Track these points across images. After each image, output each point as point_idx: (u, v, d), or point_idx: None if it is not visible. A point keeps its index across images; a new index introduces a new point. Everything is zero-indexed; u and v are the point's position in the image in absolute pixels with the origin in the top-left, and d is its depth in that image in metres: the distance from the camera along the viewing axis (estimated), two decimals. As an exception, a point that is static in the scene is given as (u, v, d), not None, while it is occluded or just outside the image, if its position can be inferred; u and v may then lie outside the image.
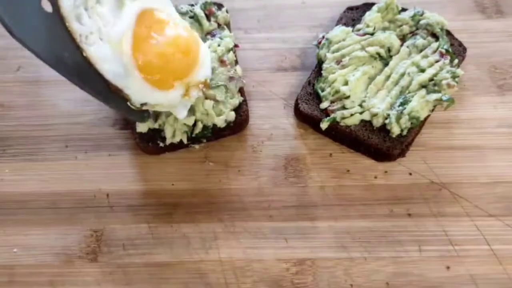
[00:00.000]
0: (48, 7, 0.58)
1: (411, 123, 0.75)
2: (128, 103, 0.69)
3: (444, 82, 0.76)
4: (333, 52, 0.82)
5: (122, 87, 0.67)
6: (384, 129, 0.77)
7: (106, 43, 0.65)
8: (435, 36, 0.83)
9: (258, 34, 0.94)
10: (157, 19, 0.70)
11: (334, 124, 0.77)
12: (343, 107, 0.78)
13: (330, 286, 0.69)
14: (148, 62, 0.67)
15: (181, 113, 0.74)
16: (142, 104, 0.69)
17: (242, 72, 0.83)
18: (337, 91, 0.78)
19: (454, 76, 0.77)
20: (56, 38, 0.59)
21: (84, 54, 0.63)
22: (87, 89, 0.63)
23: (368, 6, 0.89)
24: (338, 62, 0.81)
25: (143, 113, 0.73)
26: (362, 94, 0.79)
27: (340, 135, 0.79)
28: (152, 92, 0.68)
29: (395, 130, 0.75)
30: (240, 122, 0.80)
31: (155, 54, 0.67)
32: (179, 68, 0.70)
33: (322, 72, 0.81)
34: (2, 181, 0.79)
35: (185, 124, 0.76)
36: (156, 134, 0.78)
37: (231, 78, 0.79)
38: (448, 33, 0.85)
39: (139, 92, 0.68)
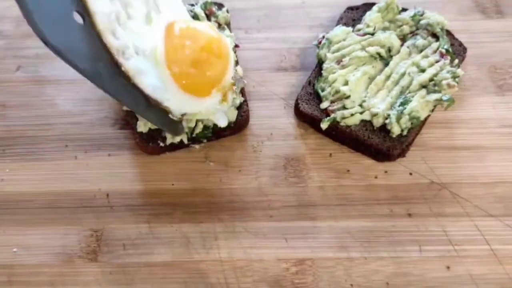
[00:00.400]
0: (79, 19, 0.59)
1: (411, 123, 0.75)
2: (170, 115, 0.70)
3: (444, 82, 0.76)
4: (333, 52, 0.82)
5: (162, 100, 0.69)
6: (384, 129, 0.77)
7: (142, 57, 0.67)
8: (436, 36, 0.83)
9: (258, 34, 0.94)
10: (186, 28, 0.72)
11: (334, 124, 0.77)
12: (343, 107, 0.78)
13: (330, 286, 0.69)
14: (184, 71, 0.68)
15: (222, 121, 0.75)
16: (182, 115, 0.71)
17: (243, 72, 0.83)
18: (337, 91, 0.78)
19: (454, 76, 0.77)
20: (90, 50, 0.60)
21: (123, 69, 0.64)
22: (124, 101, 0.65)
23: (368, 6, 0.89)
24: (338, 62, 0.81)
25: (177, 126, 0.73)
26: (362, 94, 0.79)
27: (340, 135, 0.79)
28: (192, 100, 0.70)
29: (395, 130, 0.75)
30: (240, 122, 0.80)
31: (189, 63, 0.68)
32: (215, 72, 0.71)
33: (322, 72, 0.81)
34: (2, 181, 0.79)
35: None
36: (157, 134, 0.78)
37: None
38: (448, 33, 0.85)
39: (178, 103, 0.70)
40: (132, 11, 0.67)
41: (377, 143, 0.76)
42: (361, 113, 0.77)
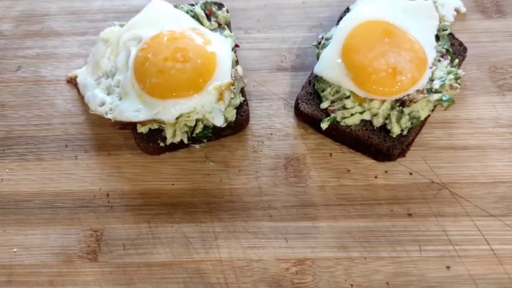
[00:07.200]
0: None
1: (412, 123, 0.75)
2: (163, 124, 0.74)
3: (447, 83, 0.76)
4: (333, 52, 0.82)
5: (156, 118, 0.73)
6: (384, 129, 0.77)
7: (126, 97, 0.76)
8: (436, 36, 0.83)
9: (258, 34, 0.94)
10: (152, 43, 0.76)
11: (335, 124, 0.77)
12: (344, 107, 0.78)
13: (330, 286, 0.69)
14: (154, 84, 0.72)
15: (219, 120, 0.75)
16: (177, 118, 0.73)
17: (243, 72, 0.83)
18: (337, 91, 0.78)
19: (456, 78, 0.77)
20: None
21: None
22: None
23: (368, 6, 0.89)
24: (338, 62, 0.81)
25: None
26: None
27: (341, 135, 0.79)
28: (176, 103, 0.73)
29: (396, 130, 0.75)
30: (240, 122, 0.80)
31: (155, 75, 0.72)
32: (188, 75, 0.73)
33: (323, 72, 0.81)
34: (2, 181, 0.79)
35: (185, 124, 0.76)
36: (157, 134, 0.78)
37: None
38: (449, 33, 0.85)
39: (168, 110, 0.72)
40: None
41: (377, 143, 0.76)
42: (361, 113, 0.77)
